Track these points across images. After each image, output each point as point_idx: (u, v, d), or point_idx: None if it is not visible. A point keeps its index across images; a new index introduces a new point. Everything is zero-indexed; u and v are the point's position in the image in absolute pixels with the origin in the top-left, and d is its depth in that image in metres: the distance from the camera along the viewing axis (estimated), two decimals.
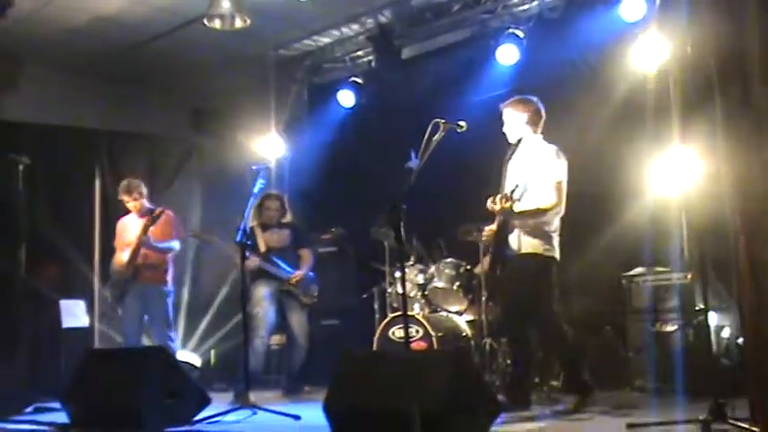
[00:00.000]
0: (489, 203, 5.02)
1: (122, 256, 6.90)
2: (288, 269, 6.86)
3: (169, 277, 6.98)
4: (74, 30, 7.76)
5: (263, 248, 6.85)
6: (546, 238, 5.04)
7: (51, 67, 8.50)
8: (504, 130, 5.29)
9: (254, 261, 6.71)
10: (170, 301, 6.97)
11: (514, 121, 5.23)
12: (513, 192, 4.95)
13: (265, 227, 6.98)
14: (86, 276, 8.26)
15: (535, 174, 5.02)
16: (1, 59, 8.22)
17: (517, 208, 4.97)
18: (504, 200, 4.94)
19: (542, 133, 5.25)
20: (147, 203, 7.06)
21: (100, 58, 8.32)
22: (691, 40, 5.90)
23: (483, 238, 5.25)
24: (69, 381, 5.12)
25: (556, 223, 5.10)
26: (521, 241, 5.04)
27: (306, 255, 7.09)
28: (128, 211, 7.09)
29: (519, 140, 5.23)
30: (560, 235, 5.15)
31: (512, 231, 5.05)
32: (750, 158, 3.76)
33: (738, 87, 3.87)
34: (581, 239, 6.48)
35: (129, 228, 7.00)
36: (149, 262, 6.86)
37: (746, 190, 3.73)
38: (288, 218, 7.11)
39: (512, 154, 5.24)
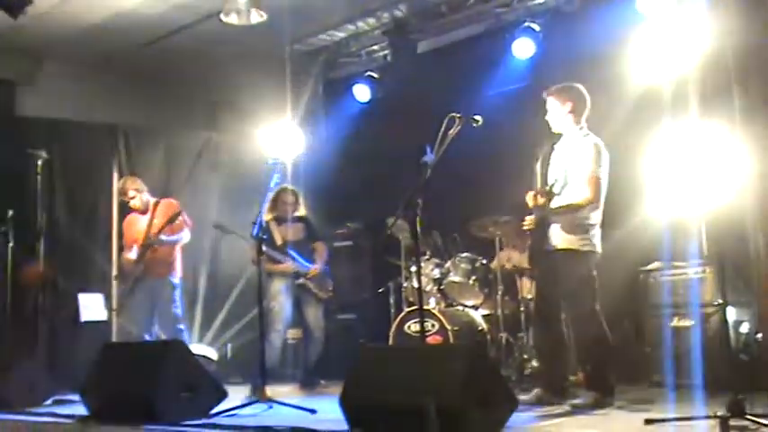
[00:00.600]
0: (528, 199, 5.01)
1: (130, 254, 6.92)
2: (304, 263, 6.88)
3: (176, 268, 6.97)
4: (91, 26, 7.80)
5: (279, 242, 6.88)
6: (584, 232, 4.97)
7: (69, 63, 8.56)
8: (547, 118, 5.21)
9: (276, 267, 6.78)
10: (177, 293, 6.94)
11: (557, 111, 5.14)
12: (552, 186, 4.92)
13: (280, 220, 7.00)
14: (104, 270, 8.32)
15: (574, 167, 4.98)
16: (20, 56, 8.29)
17: (554, 203, 4.95)
18: (540, 195, 4.92)
19: (587, 121, 5.15)
20: (147, 197, 7.06)
21: (117, 53, 8.36)
22: (710, 35, 5.89)
23: (524, 228, 5.18)
24: (87, 373, 5.16)
25: (596, 217, 5.03)
26: (558, 237, 4.99)
27: (321, 248, 7.10)
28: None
29: (561, 133, 5.17)
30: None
31: (550, 226, 5.01)
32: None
33: (759, 84, 3.85)
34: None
35: (135, 224, 7.04)
36: (158, 256, 6.86)
37: (765, 187, 3.72)
38: (301, 211, 7.13)
39: (553, 146, 5.19)
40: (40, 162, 6.90)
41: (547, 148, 5.18)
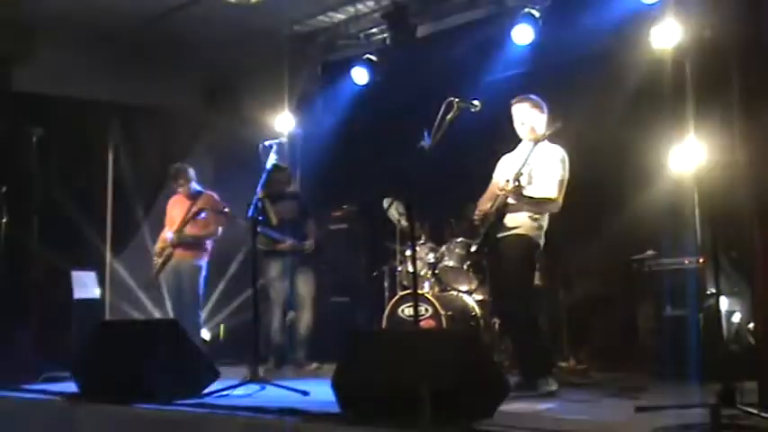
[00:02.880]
0: (501, 185, 5.00)
1: (166, 234, 7.11)
2: (299, 241, 7.00)
3: (204, 253, 7.11)
4: (90, 3, 7.73)
5: (274, 221, 6.92)
6: (538, 227, 5.07)
7: (66, 40, 8.49)
8: (515, 125, 5.24)
9: (275, 246, 6.87)
10: (201, 278, 7.08)
11: (530, 118, 5.17)
12: (519, 178, 4.93)
13: (274, 198, 7.04)
14: (98, 248, 8.30)
15: (540, 168, 5.02)
16: (17, 31, 8.22)
17: (526, 192, 4.97)
18: (516, 182, 4.93)
19: (547, 133, 5.16)
20: (194, 186, 7.22)
21: (115, 31, 8.29)
22: (709, 23, 5.87)
23: (475, 219, 5.22)
24: (80, 351, 5.16)
25: (547, 220, 5.12)
26: (514, 222, 5.04)
27: (312, 226, 7.23)
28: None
29: (524, 138, 5.21)
30: (566, 221, 5.18)
31: (506, 215, 5.04)
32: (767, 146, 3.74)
33: (757, 73, 3.83)
34: (593, 222, 6.46)
35: (177, 206, 7.22)
36: (187, 240, 7.04)
37: (762, 177, 3.71)
38: (292, 188, 7.23)
39: (513, 149, 5.26)
40: (35, 138, 6.87)
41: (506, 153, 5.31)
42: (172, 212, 7.26)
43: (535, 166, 5.02)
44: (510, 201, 4.98)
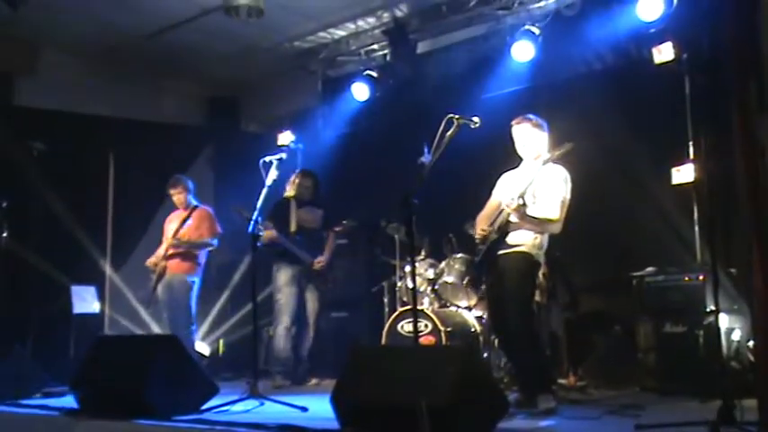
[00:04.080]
0: (505, 202, 4.99)
1: (160, 249, 7.15)
2: (308, 254, 6.96)
3: (196, 268, 7.10)
4: (91, 17, 7.79)
5: (293, 227, 6.90)
6: (539, 246, 5.05)
7: (68, 55, 8.55)
8: (516, 147, 5.22)
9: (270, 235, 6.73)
10: (193, 293, 7.07)
11: (535, 138, 5.14)
12: (522, 197, 4.92)
13: (300, 203, 7.03)
14: (98, 262, 8.31)
15: (542, 188, 5.00)
16: (19, 46, 8.28)
17: (529, 212, 4.96)
18: (520, 200, 4.92)
19: (556, 154, 5.07)
20: (189, 198, 7.27)
21: (116, 45, 8.35)
22: (708, 40, 5.90)
23: (477, 238, 5.19)
24: (79, 366, 5.14)
25: (547, 240, 5.10)
26: (515, 239, 5.01)
27: (331, 238, 7.21)
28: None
29: (527, 158, 5.19)
30: (566, 237, 5.17)
31: (508, 234, 5.02)
32: (766, 162, 3.74)
33: (755, 90, 3.85)
34: (594, 239, 6.47)
35: (172, 221, 7.27)
36: (176, 252, 7.06)
37: (761, 193, 3.72)
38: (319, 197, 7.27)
39: (515, 167, 5.25)
40: (36, 152, 6.90)
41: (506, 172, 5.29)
42: (168, 227, 7.27)
43: (538, 185, 5.01)
44: (512, 219, 4.97)
